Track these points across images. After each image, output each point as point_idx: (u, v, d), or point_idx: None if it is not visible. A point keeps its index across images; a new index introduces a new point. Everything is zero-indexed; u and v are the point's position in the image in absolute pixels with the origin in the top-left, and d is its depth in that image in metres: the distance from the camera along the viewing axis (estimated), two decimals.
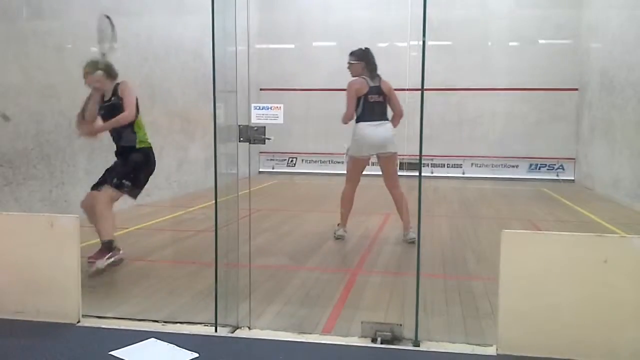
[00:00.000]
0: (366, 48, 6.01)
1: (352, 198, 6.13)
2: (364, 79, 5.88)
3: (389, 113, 6.00)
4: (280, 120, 3.70)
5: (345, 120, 5.98)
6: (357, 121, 5.94)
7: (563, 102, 12.52)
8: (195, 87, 9.51)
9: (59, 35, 6.75)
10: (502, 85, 12.50)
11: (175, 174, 9.42)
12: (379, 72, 5.99)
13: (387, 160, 5.96)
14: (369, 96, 5.84)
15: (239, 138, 3.60)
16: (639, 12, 8.92)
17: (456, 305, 4.01)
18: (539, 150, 12.62)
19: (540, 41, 12.56)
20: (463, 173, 12.77)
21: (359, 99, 5.85)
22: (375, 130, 5.86)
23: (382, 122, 5.88)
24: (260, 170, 13.17)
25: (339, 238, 6.05)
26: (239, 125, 3.60)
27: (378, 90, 5.85)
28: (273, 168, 13.38)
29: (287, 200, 8.08)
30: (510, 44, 12.71)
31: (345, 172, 6.28)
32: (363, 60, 5.94)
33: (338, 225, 6.16)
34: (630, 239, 2.94)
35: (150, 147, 5.12)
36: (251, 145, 3.65)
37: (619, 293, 2.83)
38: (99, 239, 4.82)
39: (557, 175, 12.63)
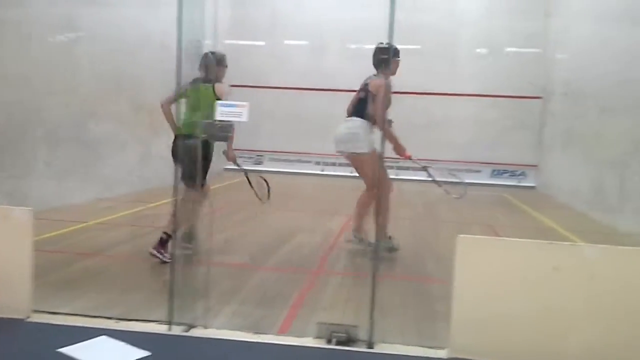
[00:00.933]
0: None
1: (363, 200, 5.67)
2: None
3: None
4: (245, 118, 3.67)
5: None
6: None
7: (527, 110, 12.77)
8: (163, 81, 9.36)
9: (20, 24, 6.56)
10: (469, 91, 12.69)
11: (138, 169, 9.28)
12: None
13: (349, 160, 5.72)
14: (357, 91, 5.58)
15: (202, 134, 3.57)
16: (602, 26, 9.15)
17: (413, 308, 4.05)
18: (503, 156, 12.84)
19: (507, 49, 12.79)
20: (428, 176, 12.88)
21: None
22: (339, 127, 5.65)
23: (349, 119, 5.56)
24: (226, 167, 13.05)
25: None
26: (203, 122, 3.57)
27: (365, 86, 5.50)
28: (239, 165, 13.28)
29: (252, 198, 7.98)
30: (478, 51, 12.90)
31: (311, 171, 6.17)
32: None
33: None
34: (581, 247, 3.01)
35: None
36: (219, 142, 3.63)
37: (568, 300, 2.90)
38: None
39: (519, 182, 12.87)
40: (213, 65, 4.84)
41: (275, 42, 13.32)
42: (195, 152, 3.98)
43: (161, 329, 3.38)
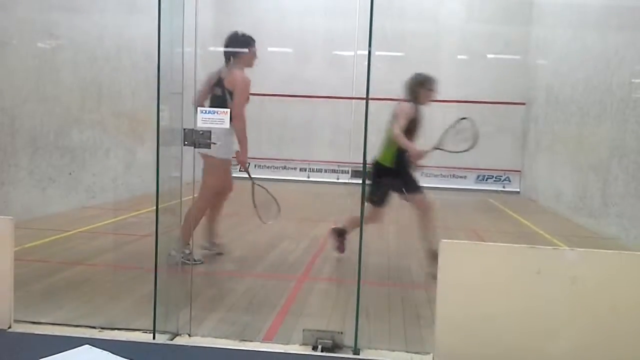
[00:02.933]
0: None
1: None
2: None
3: None
4: (227, 125, 3.67)
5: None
6: None
7: (510, 116, 12.88)
8: (145, 88, 9.35)
9: (1, 30, 6.51)
10: (452, 97, 12.77)
11: (123, 176, 9.22)
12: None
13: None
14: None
15: (184, 142, 3.55)
16: (583, 32, 9.28)
17: (398, 314, 4.06)
18: (487, 162, 12.93)
19: (490, 56, 12.91)
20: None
21: None
22: None
23: None
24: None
25: None
26: (184, 129, 3.55)
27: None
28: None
29: (237, 205, 7.95)
30: (460, 57, 13.01)
31: (296, 178, 6.20)
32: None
33: None
34: (562, 251, 3.04)
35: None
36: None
37: (551, 303, 2.92)
38: None
39: (504, 187, 12.97)
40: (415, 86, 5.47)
41: (258, 50, 13.31)
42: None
43: (145, 337, 3.35)
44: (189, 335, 3.43)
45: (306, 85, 12.83)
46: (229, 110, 3.66)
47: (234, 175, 5.52)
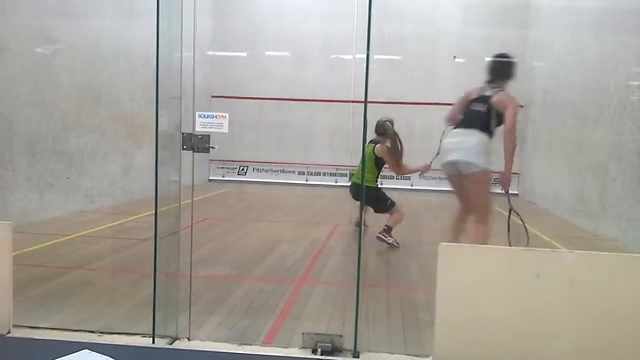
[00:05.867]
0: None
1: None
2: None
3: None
4: (225, 130, 3.66)
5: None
6: None
7: None
8: (143, 93, 9.36)
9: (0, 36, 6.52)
10: (450, 100, 12.78)
11: (121, 180, 9.22)
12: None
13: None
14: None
15: (183, 146, 3.55)
16: (580, 35, 9.31)
17: (397, 316, 4.06)
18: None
19: (487, 59, 12.92)
20: (411, 185, 12.96)
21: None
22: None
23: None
24: (211, 178, 13.05)
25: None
26: (183, 133, 3.55)
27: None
28: (223, 176, 13.28)
29: (236, 209, 8.03)
30: (458, 60, 13.04)
31: (295, 182, 6.27)
32: None
33: None
34: (560, 253, 3.05)
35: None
36: (201, 153, 3.61)
37: (549, 306, 2.93)
38: None
39: (502, 189, 12.96)
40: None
41: (257, 53, 13.35)
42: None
43: (145, 342, 3.35)
44: (189, 339, 3.43)
45: (304, 89, 12.85)
46: (227, 114, 3.65)
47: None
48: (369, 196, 6.33)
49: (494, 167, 4.92)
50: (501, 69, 5.04)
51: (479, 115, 4.82)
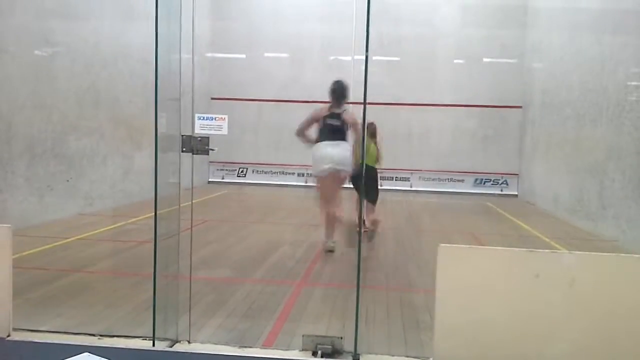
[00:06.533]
0: None
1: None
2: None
3: None
4: (225, 132, 3.66)
5: None
6: None
7: (507, 119, 12.93)
8: (143, 95, 9.35)
9: None
10: (449, 101, 12.82)
11: (121, 183, 9.21)
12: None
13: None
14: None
15: (182, 148, 3.55)
16: (578, 35, 9.32)
17: (397, 318, 4.06)
18: (484, 165, 12.96)
19: (486, 60, 12.95)
20: (411, 186, 12.97)
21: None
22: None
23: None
24: (210, 180, 13.04)
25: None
26: (182, 135, 3.55)
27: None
28: (223, 178, 13.27)
29: (236, 211, 8.04)
30: (457, 61, 13.05)
31: (294, 183, 6.30)
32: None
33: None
34: (560, 254, 3.05)
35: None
36: (200, 155, 3.60)
37: (549, 307, 2.93)
38: None
39: (502, 190, 13.00)
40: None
41: (256, 55, 13.35)
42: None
43: (145, 344, 3.35)
44: (189, 342, 3.42)
45: (303, 90, 12.83)
46: (226, 116, 3.65)
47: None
48: (371, 175, 6.82)
49: (494, 167, 4.99)
50: (342, 92, 6.01)
51: (338, 129, 5.92)
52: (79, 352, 3.12)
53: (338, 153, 5.84)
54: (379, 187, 7.15)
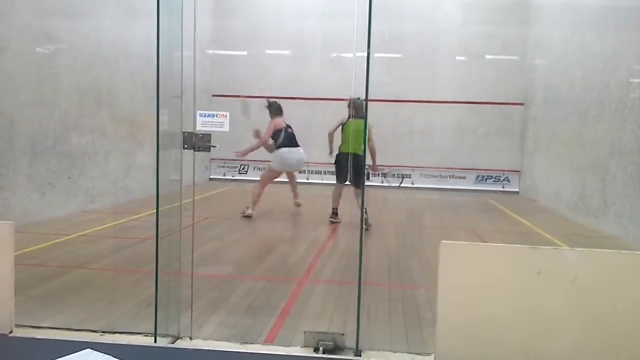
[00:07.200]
0: None
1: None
2: None
3: None
4: (226, 128, 3.66)
5: None
6: None
7: (509, 116, 12.90)
8: (144, 92, 9.35)
9: (0, 35, 6.51)
10: (451, 98, 12.79)
11: (122, 180, 9.22)
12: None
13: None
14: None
15: (183, 145, 3.55)
16: (580, 31, 9.29)
17: (399, 314, 4.06)
18: (486, 162, 12.94)
19: (487, 56, 12.93)
20: (412, 183, 12.96)
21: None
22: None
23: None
24: (212, 177, 13.04)
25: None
26: (184, 132, 3.55)
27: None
28: (224, 175, 13.26)
29: (237, 208, 8.03)
30: (459, 58, 13.03)
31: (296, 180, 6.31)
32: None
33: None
34: (562, 251, 3.05)
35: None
36: (201, 152, 3.60)
37: (551, 304, 2.93)
38: None
39: (503, 187, 12.98)
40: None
41: (257, 52, 13.33)
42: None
43: (147, 341, 3.35)
44: (190, 339, 3.43)
45: (305, 87, 12.83)
46: (228, 113, 3.65)
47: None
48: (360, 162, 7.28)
49: (496, 164, 5.01)
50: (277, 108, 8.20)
51: (293, 136, 8.08)
52: (81, 348, 3.13)
53: (298, 156, 8.13)
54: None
